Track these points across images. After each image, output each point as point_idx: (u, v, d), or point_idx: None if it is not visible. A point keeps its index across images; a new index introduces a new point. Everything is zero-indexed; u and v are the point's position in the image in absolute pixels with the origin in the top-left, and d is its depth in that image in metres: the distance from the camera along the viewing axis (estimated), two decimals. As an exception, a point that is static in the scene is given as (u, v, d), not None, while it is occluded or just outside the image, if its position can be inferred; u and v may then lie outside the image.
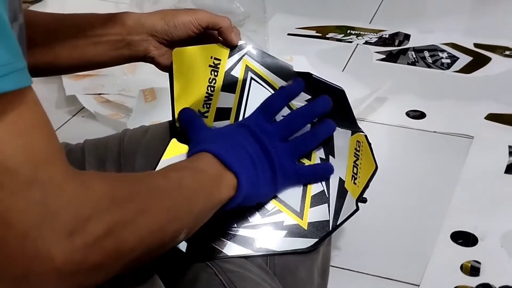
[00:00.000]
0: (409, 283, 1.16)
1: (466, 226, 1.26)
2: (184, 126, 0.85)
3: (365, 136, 0.92)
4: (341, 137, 0.89)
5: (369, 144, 0.92)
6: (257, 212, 0.83)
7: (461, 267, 1.18)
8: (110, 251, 0.56)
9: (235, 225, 0.82)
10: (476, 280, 1.15)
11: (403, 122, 1.58)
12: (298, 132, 0.84)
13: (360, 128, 0.93)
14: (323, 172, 0.86)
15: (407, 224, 1.29)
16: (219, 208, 0.72)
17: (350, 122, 0.92)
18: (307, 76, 0.90)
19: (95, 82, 1.67)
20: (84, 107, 1.62)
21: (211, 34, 0.90)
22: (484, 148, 1.47)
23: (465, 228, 1.26)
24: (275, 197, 0.83)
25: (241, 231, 0.82)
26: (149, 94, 1.60)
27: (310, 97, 0.88)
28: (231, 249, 0.81)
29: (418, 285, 1.15)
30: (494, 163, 1.42)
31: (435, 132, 1.54)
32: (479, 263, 1.18)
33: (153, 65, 0.92)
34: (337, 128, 0.89)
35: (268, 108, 0.84)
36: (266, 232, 0.82)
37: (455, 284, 1.15)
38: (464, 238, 1.24)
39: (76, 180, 0.54)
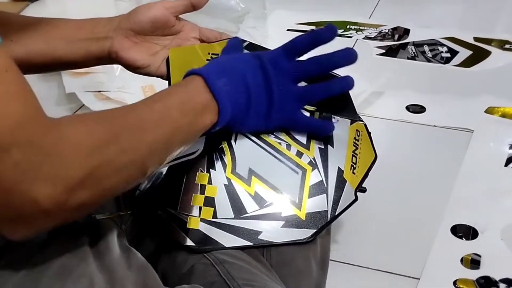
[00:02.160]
0: (409, 277, 1.16)
1: (466, 219, 1.26)
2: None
3: (365, 125, 0.92)
4: (340, 126, 0.89)
5: (369, 133, 0.92)
6: (254, 203, 0.83)
7: (462, 260, 1.17)
8: (92, 191, 0.61)
9: (232, 216, 0.82)
10: (476, 273, 1.15)
11: (403, 117, 1.57)
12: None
13: (360, 117, 0.92)
14: (320, 128, 0.85)
15: (407, 217, 1.29)
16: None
17: (349, 112, 0.92)
18: None
19: (95, 79, 1.67)
20: (84, 105, 1.62)
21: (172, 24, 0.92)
22: (484, 141, 1.47)
23: (465, 222, 1.25)
24: (272, 187, 0.83)
25: (238, 222, 0.82)
26: (149, 90, 1.60)
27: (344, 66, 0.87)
28: (228, 240, 0.81)
29: (419, 279, 1.15)
30: (494, 156, 1.42)
31: (435, 126, 1.54)
32: (480, 256, 1.18)
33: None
34: (336, 117, 0.89)
35: (290, 46, 0.82)
36: (263, 223, 0.82)
37: (455, 277, 1.14)
38: (464, 231, 1.23)
39: (53, 133, 0.58)
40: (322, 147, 0.87)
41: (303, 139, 0.87)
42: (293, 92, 0.80)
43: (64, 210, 0.59)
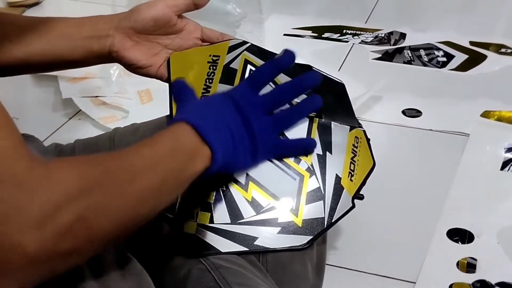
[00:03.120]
0: (405, 281, 1.16)
1: (462, 223, 1.26)
2: (175, 97, 0.85)
3: (364, 131, 0.92)
4: (339, 132, 0.89)
5: (368, 140, 0.92)
6: (251, 209, 0.83)
7: (458, 264, 1.18)
8: (82, 237, 0.57)
9: (229, 222, 0.82)
10: (472, 277, 1.15)
11: (399, 121, 1.58)
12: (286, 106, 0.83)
13: (360, 124, 0.93)
14: (304, 147, 0.86)
15: (403, 221, 1.29)
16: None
17: (349, 117, 0.92)
18: (307, 68, 0.90)
19: (91, 84, 1.67)
20: (80, 110, 1.62)
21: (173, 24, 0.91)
22: (480, 145, 1.47)
23: (461, 225, 1.25)
24: (270, 193, 0.83)
25: (235, 227, 0.82)
26: (145, 95, 1.60)
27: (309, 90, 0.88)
28: (224, 245, 0.81)
29: (415, 283, 1.15)
30: (490, 160, 1.43)
31: (431, 130, 1.54)
32: (475, 259, 1.18)
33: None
34: (335, 123, 0.89)
35: (255, 78, 0.83)
36: (260, 228, 0.82)
37: (451, 281, 1.15)
38: (460, 235, 1.24)
39: (40, 171, 0.55)
40: (321, 153, 0.87)
41: None
42: (269, 123, 0.81)
43: (51, 258, 0.55)
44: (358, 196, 0.89)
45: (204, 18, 1.28)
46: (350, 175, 0.88)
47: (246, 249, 0.81)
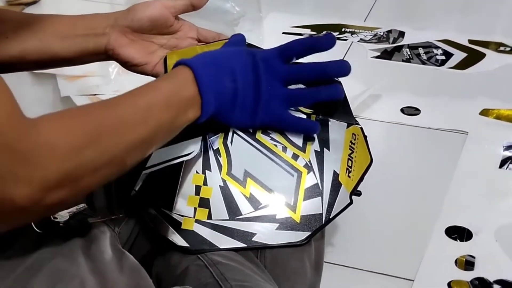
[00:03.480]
0: (403, 278, 1.16)
1: (461, 221, 1.26)
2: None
3: (361, 128, 0.92)
4: (336, 129, 0.89)
5: (365, 137, 0.92)
6: (249, 205, 0.83)
7: (456, 262, 1.18)
8: (69, 190, 0.61)
9: (227, 218, 0.82)
10: (470, 275, 1.15)
11: (398, 119, 1.58)
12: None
13: (357, 121, 0.93)
14: (306, 127, 0.85)
15: (401, 219, 1.29)
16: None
17: (346, 114, 0.92)
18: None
19: (90, 82, 1.67)
20: (79, 108, 1.62)
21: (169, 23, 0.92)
22: (478, 143, 1.47)
23: (460, 223, 1.26)
24: (268, 189, 0.83)
25: (233, 223, 0.82)
26: (144, 93, 1.60)
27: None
28: (222, 241, 0.81)
29: (413, 280, 1.15)
30: (489, 158, 1.42)
31: (429, 128, 1.54)
32: (474, 257, 1.18)
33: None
34: (333, 120, 0.89)
35: (286, 48, 0.82)
36: (258, 225, 0.82)
37: (449, 279, 1.15)
38: (459, 233, 1.24)
39: (31, 136, 0.58)
40: (318, 150, 0.87)
41: (299, 142, 0.87)
42: (281, 93, 0.80)
43: (40, 208, 0.60)
44: (355, 192, 0.89)
45: (203, 16, 1.28)
46: (347, 171, 0.88)
47: (244, 245, 0.81)
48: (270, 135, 0.86)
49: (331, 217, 0.85)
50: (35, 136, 0.59)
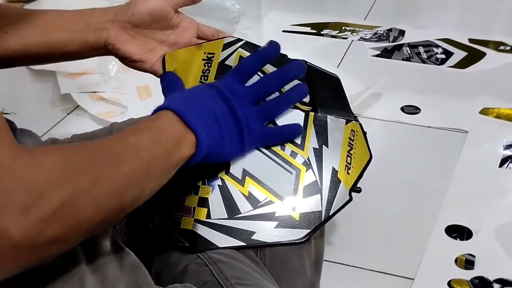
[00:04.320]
0: (403, 277, 1.16)
1: (461, 219, 1.26)
2: (164, 89, 0.85)
3: (360, 125, 0.92)
4: (335, 126, 0.89)
5: (364, 133, 0.92)
6: (248, 203, 0.83)
7: (456, 261, 1.18)
8: (67, 223, 0.57)
9: (226, 217, 0.82)
10: (470, 273, 1.15)
11: (398, 118, 1.58)
12: (271, 96, 0.83)
13: (356, 117, 0.92)
14: (290, 132, 0.85)
15: (401, 218, 1.29)
16: (182, 165, 0.73)
17: (344, 111, 0.92)
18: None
19: (90, 80, 1.67)
20: (79, 105, 1.62)
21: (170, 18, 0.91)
22: (478, 142, 1.47)
23: (460, 222, 1.26)
24: (266, 188, 0.83)
25: (232, 222, 0.82)
26: (144, 91, 1.60)
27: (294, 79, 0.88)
28: (221, 240, 0.81)
29: (413, 279, 1.15)
30: (488, 157, 1.43)
31: (429, 127, 1.54)
32: (474, 256, 1.18)
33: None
34: (331, 117, 0.89)
35: (239, 70, 0.83)
36: (257, 223, 0.82)
37: (449, 278, 1.15)
38: (459, 232, 1.24)
39: (24, 158, 0.55)
40: (317, 147, 0.87)
41: (297, 139, 0.87)
42: (255, 112, 0.81)
43: (37, 245, 0.55)
44: (355, 189, 0.88)
45: (203, 14, 1.28)
46: (346, 168, 0.87)
47: (244, 243, 0.81)
48: None
49: (330, 214, 0.85)
50: (29, 158, 0.55)
